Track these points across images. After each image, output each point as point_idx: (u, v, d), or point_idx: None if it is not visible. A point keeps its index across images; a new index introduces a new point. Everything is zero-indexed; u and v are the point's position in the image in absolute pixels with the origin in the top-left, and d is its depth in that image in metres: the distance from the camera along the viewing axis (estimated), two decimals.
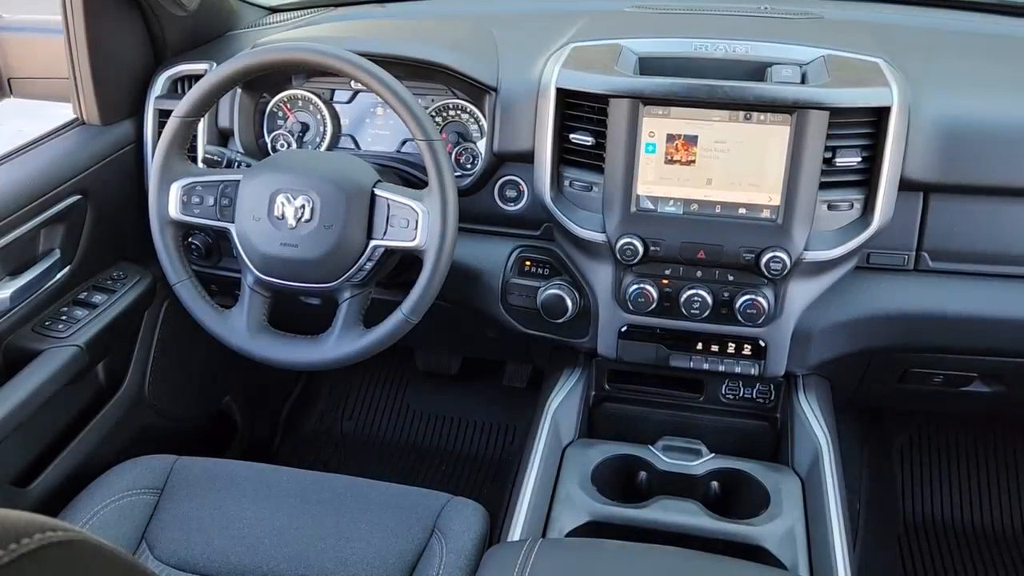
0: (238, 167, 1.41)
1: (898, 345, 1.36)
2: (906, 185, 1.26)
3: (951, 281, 1.32)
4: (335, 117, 1.50)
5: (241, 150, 1.48)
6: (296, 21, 1.69)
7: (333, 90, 1.51)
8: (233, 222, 1.27)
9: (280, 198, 1.23)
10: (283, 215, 1.23)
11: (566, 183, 1.34)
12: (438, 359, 2.17)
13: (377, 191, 1.24)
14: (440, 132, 1.46)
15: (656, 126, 1.25)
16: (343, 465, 2.10)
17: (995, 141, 1.25)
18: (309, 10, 1.75)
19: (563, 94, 1.29)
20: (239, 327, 1.29)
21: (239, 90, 1.46)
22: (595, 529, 1.19)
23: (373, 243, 1.24)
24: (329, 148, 1.50)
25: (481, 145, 1.44)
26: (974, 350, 1.36)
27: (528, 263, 1.43)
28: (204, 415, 1.87)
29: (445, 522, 1.25)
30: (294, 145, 1.49)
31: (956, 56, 1.42)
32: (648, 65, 1.33)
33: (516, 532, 1.16)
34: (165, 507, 1.28)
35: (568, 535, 1.17)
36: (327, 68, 1.23)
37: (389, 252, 1.26)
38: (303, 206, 1.22)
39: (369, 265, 1.25)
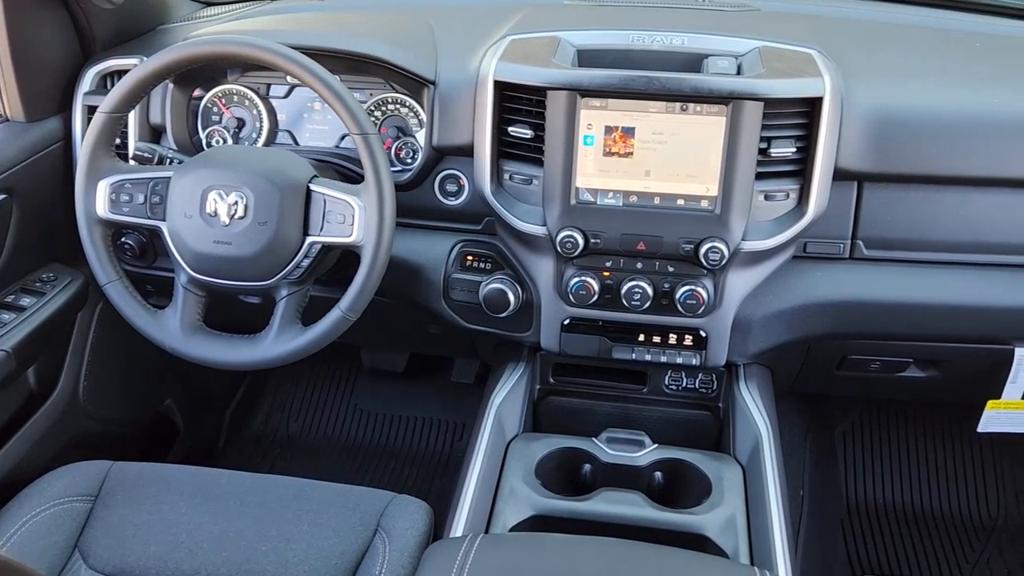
0: (170, 164, 1.37)
1: (835, 333, 1.38)
2: (840, 175, 1.28)
3: (885, 269, 1.35)
4: (272, 112, 1.48)
5: (174, 147, 1.44)
6: (231, 14, 1.66)
7: (269, 85, 1.48)
8: (164, 220, 1.24)
9: (212, 195, 1.20)
10: (216, 212, 1.20)
11: (506, 176, 1.33)
12: (384, 357, 2.15)
13: (313, 186, 1.22)
14: (379, 126, 1.44)
15: (594, 118, 1.25)
16: (289, 466, 2.07)
17: (926, 131, 1.28)
18: (244, 3, 1.71)
19: (501, 87, 1.28)
20: (172, 327, 1.26)
21: (170, 85, 1.42)
22: (539, 523, 1.18)
23: (309, 239, 1.21)
24: (266, 144, 1.47)
25: (420, 139, 1.42)
26: (909, 336, 1.39)
27: (470, 258, 1.42)
28: (144, 419, 1.83)
29: (389, 520, 1.23)
30: (230, 141, 1.46)
31: (889, 47, 1.45)
32: (586, 57, 1.33)
33: (459, 528, 1.15)
34: (99, 514, 1.24)
35: (512, 530, 1.17)
36: (259, 62, 1.21)
37: (326, 248, 1.24)
38: (236, 203, 1.20)
39: (306, 262, 1.23)
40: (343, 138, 1.47)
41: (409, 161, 1.43)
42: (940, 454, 2.02)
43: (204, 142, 1.48)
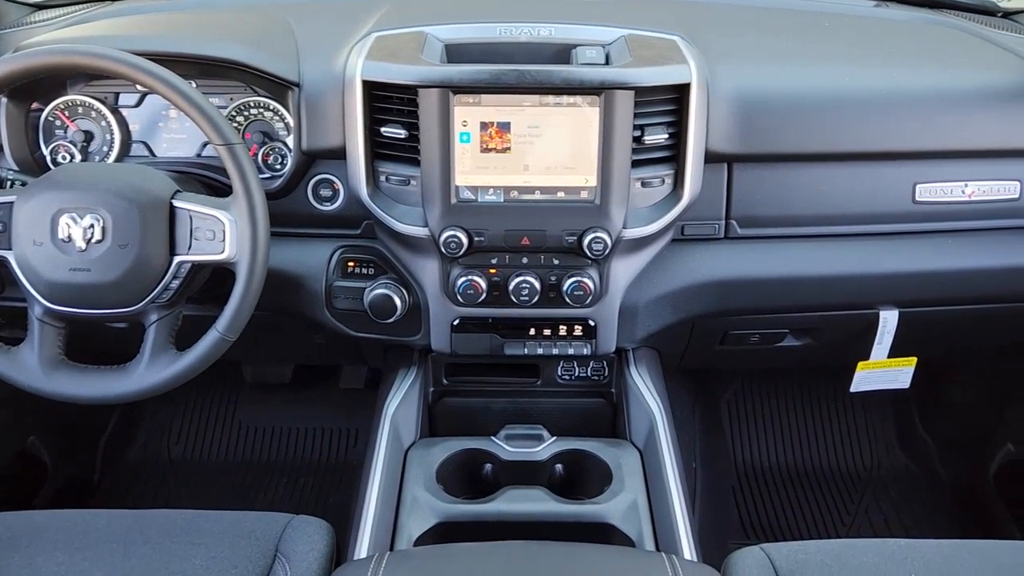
0: (11, 186, 1.26)
1: (716, 310, 1.43)
2: (711, 157, 1.31)
3: (758, 246, 1.39)
4: (123, 123, 1.38)
5: (14, 167, 1.32)
6: (66, 19, 1.53)
7: (117, 94, 1.38)
8: (10, 249, 1.13)
9: (64, 219, 1.11)
10: (70, 237, 1.11)
11: (382, 178, 1.29)
12: (268, 369, 2.07)
13: (176, 202, 1.14)
14: (242, 132, 1.37)
15: (468, 114, 1.23)
16: (175, 495, 1.96)
17: (787, 111, 1.33)
18: (81, 5, 1.59)
19: (370, 86, 1.24)
20: (30, 363, 1.16)
21: (3, 99, 1.30)
22: (445, 531, 1.17)
23: (178, 259, 1.14)
24: (119, 158, 1.37)
25: (289, 144, 1.36)
26: (784, 308, 1.45)
27: (351, 264, 1.38)
28: (6, 460, 1.69)
29: (288, 544, 1.18)
30: (78, 157, 1.35)
31: (748, 30, 1.50)
32: (454, 52, 1.30)
33: (363, 547, 1.12)
34: None
35: (417, 540, 1.14)
36: (102, 72, 1.12)
37: (197, 267, 1.17)
38: (92, 226, 1.11)
39: (175, 283, 1.16)
40: (205, 146, 1.39)
41: (278, 167, 1.37)
42: (817, 415, 2.13)
43: (48, 159, 1.37)
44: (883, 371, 1.60)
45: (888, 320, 1.47)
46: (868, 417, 2.13)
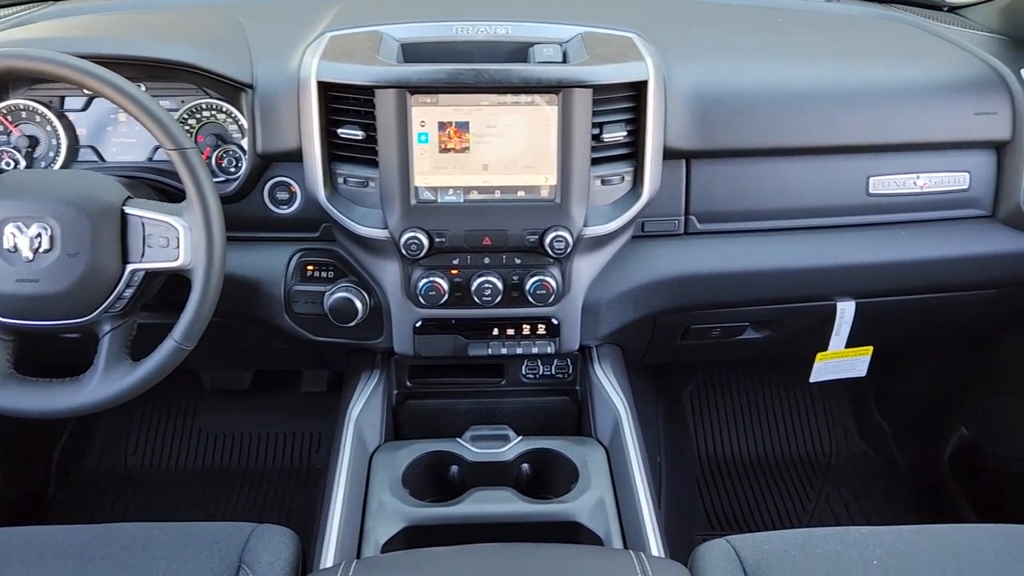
0: None
1: (678, 306, 1.43)
2: (669, 154, 1.32)
3: (717, 241, 1.40)
4: (69, 128, 1.34)
5: None
6: (7, 20, 1.48)
7: (63, 97, 1.34)
8: None
9: (9, 228, 1.08)
10: (16, 247, 1.08)
11: (340, 180, 1.27)
12: (227, 375, 2.03)
13: (128, 209, 1.11)
14: (195, 136, 1.34)
15: (426, 115, 1.22)
16: (132, 506, 1.92)
17: (743, 107, 1.34)
18: (23, 6, 1.54)
19: (325, 87, 1.22)
20: None
21: None
22: (412, 535, 1.16)
23: (131, 268, 1.11)
24: (66, 164, 1.33)
25: (243, 146, 1.34)
26: (744, 302, 1.46)
27: (310, 267, 1.36)
28: None
29: (252, 555, 1.16)
30: (22, 164, 1.31)
31: (702, 26, 1.51)
32: (410, 51, 1.29)
33: (329, 555, 1.10)
34: None
35: (384, 546, 1.13)
36: (44, 76, 1.09)
37: (151, 275, 1.14)
38: (39, 235, 1.08)
39: (129, 292, 1.13)
40: (156, 150, 1.36)
41: (233, 170, 1.34)
42: (778, 405, 2.16)
43: None
44: (841, 361, 1.62)
45: (845, 311, 1.49)
46: (826, 406, 2.16)
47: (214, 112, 1.34)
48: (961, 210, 1.45)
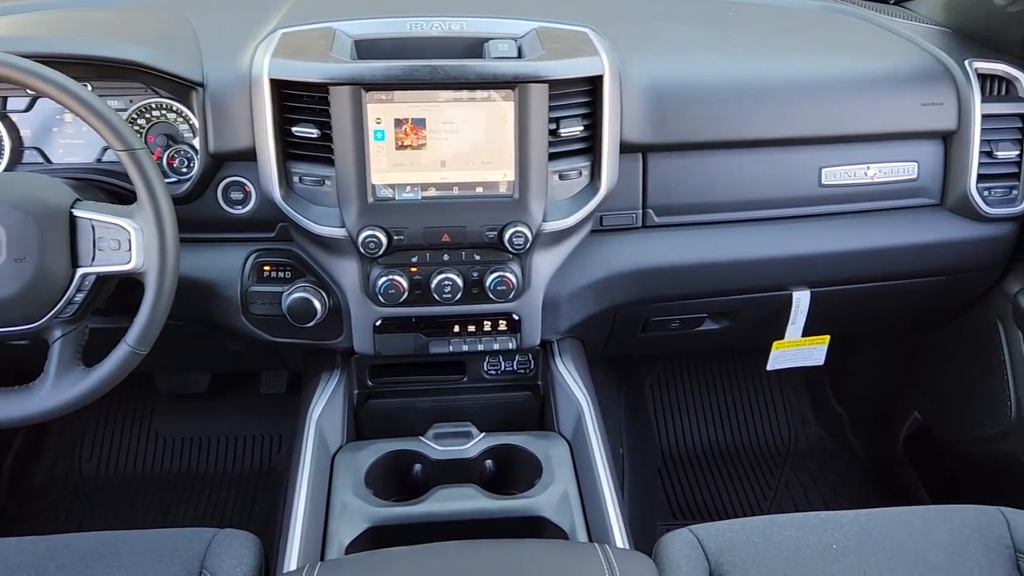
0: None
1: (637, 298, 1.44)
2: (626, 148, 1.33)
3: (674, 233, 1.42)
4: (12, 129, 1.30)
5: None
6: None
7: (5, 98, 1.30)
8: None
9: None
10: None
11: (295, 179, 1.26)
12: (183, 378, 1.99)
13: (77, 212, 1.09)
14: (145, 136, 1.31)
15: (382, 112, 1.21)
16: (91, 516, 1.88)
17: (698, 100, 1.35)
18: None
19: (278, 85, 1.21)
20: None
21: None
22: (376, 535, 1.15)
23: (81, 272, 1.09)
24: (10, 167, 1.30)
25: (195, 146, 1.31)
26: (701, 293, 1.48)
27: (267, 268, 1.34)
28: None
29: (213, 561, 1.14)
30: None
31: (658, 21, 1.52)
32: (364, 48, 1.28)
33: (292, 558, 1.09)
34: None
35: (348, 547, 1.12)
36: None
37: (103, 279, 1.12)
38: None
39: (80, 296, 1.10)
40: (105, 151, 1.33)
41: (185, 171, 1.32)
42: (737, 394, 2.19)
43: None
44: (798, 349, 1.65)
45: (801, 300, 1.52)
46: (784, 394, 2.20)
47: (164, 112, 1.32)
48: (910, 199, 1.48)
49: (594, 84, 1.26)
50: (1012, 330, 1.54)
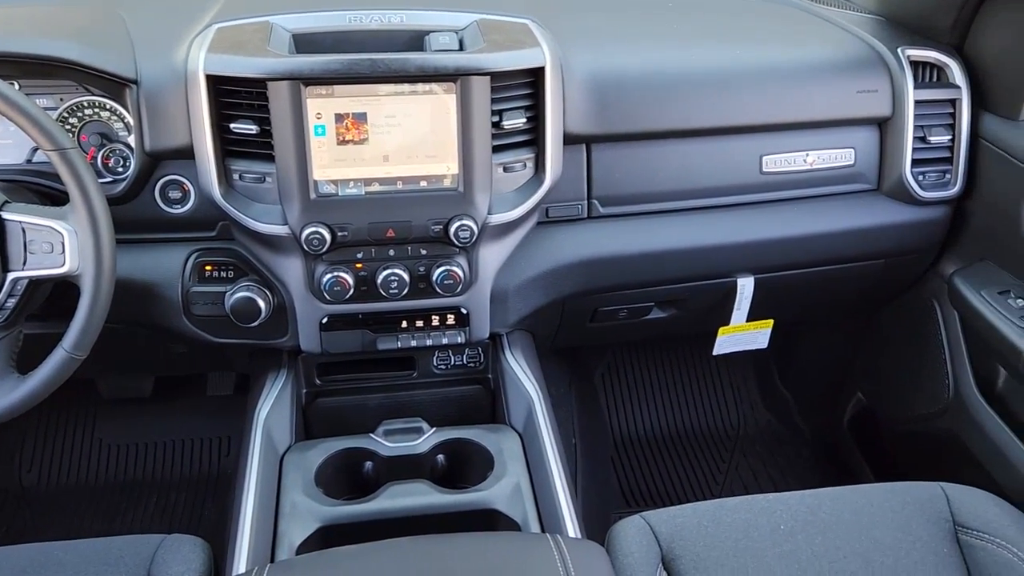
0: None
1: (584, 289, 1.45)
2: (569, 139, 1.33)
3: (619, 223, 1.43)
4: None
5: None
6: None
7: None
8: None
9: None
10: None
11: (235, 176, 1.23)
12: (126, 382, 1.95)
13: (5, 214, 1.05)
14: (77, 136, 1.28)
15: (322, 107, 1.19)
16: (30, 527, 1.83)
17: (638, 91, 1.36)
18: None
19: (215, 81, 1.18)
20: None
21: None
22: (327, 535, 1.14)
23: (12, 276, 1.06)
24: None
25: (131, 144, 1.28)
26: (648, 282, 1.49)
27: (209, 267, 1.32)
28: None
29: (161, 567, 1.12)
30: None
31: (598, 12, 1.52)
32: (303, 42, 1.26)
33: (241, 561, 1.07)
34: None
35: (299, 548, 1.11)
36: None
37: (36, 283, 1.08)
38: None
39: (11, 302, 1.07)
40: (36, 151, 1.29)
41: (121, 170, 1.29)
42: (687, 381, 2.22)
43: None
44: (743, 334, 1.68)
45: (745, 287, 1.54)
46: (733, 379, 2.23)
47: (97, 110, 1.28)
48: (848, 185, 1.51)
49: (536, 76, 1.26)
50: (948, 311, 1.59)
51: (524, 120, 1.27)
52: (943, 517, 1.18)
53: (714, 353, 1.69)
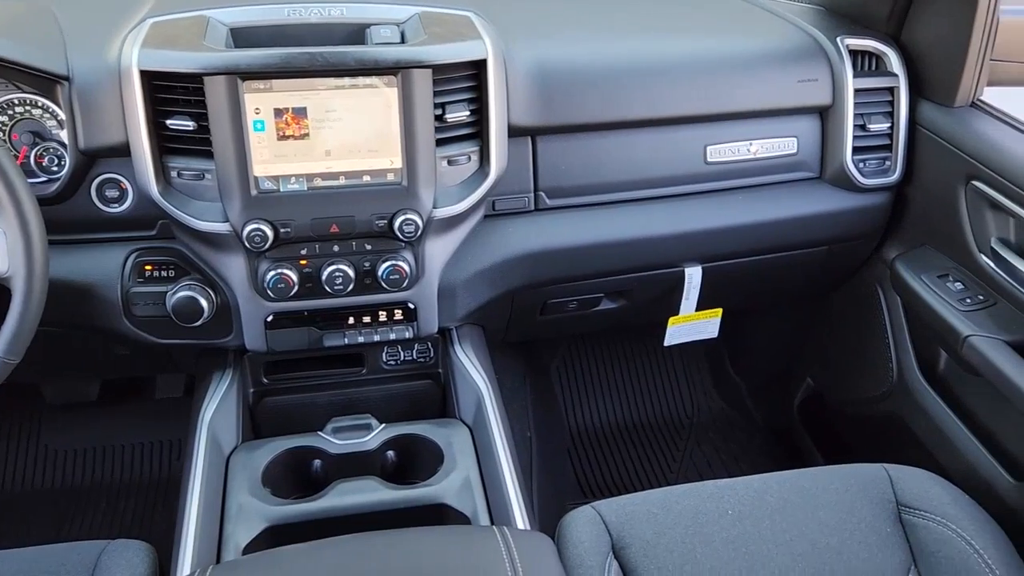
0: None
1: (533, 282, 1.45)
2: (514, 131, 1.33)
3: (566, 215, 1.43)
4: None
5: None
6: None
7: None
8: None
9: None
10: None
11: (173, 174, 1.21)
12: (71, 387, 1.90)
13: None
14: (8, 135, 1.24)
15: (260, 101, 1.17)
16: None
17: (583, 82, 1.36)
18: None
19: (149, 76, 1.16)
20: None
21: None
22: (275, 535, 1.12)
23: None
24: None
25: (65, 142, 1.25)
26: (596, 274, 1.50)
27: (149, 267, 1.29)
28: None
29: (103, 573, 1.10)
30: None
31: (544, 3, 1.52)
32: (240, 36, 1.24)
33: (185, 564, 1.06)
34: None
35: (246, 548, 1.10)
36: None
37: None
38: None
39: None
40: None
41: (56, 169, 1.25)
42: (640, 371, 2.24)
43: None
44: (692, 324, 1.69)
45: (693, 276, 1.55)
46: (686, 367, 2.26)
47: (28, 108, 1.25)
48: (791, 173, 1.53)
49: (478, 68, 1.26)
50: (891, 295, 1.62)
51: (468, 113, 1.27)
52: (886, 498, 1.21)
53: (665, 344, 1.70)
